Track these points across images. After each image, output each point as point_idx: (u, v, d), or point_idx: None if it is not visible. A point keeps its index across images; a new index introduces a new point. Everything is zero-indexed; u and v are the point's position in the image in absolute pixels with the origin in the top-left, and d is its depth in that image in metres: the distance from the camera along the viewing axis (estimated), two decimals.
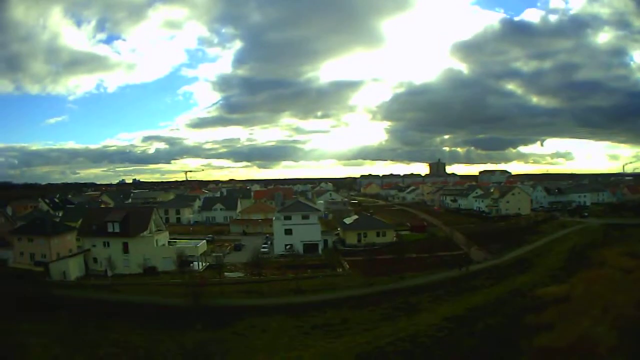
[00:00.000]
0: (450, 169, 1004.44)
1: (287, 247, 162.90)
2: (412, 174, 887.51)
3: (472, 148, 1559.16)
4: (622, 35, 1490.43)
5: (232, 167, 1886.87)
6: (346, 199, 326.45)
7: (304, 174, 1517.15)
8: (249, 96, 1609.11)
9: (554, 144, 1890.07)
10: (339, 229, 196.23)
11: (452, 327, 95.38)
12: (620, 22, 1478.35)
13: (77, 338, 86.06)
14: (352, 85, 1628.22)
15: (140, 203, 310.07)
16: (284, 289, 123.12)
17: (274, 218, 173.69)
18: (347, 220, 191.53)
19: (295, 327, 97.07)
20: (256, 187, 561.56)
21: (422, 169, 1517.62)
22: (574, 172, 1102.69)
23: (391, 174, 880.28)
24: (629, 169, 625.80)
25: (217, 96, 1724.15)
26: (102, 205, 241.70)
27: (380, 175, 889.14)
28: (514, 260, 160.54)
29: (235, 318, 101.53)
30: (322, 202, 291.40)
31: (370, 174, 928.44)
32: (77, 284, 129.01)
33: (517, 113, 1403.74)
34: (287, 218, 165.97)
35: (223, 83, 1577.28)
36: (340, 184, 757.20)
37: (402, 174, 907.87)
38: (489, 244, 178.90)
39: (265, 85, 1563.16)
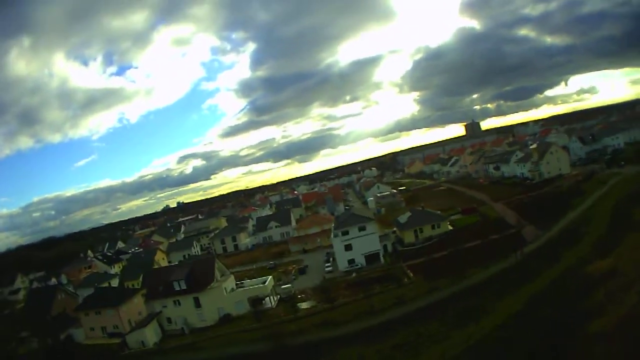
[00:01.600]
0: (484, 125, 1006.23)
1: (350, 262, 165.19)
2: (449, 139, 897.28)
3: (502, 101, 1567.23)
4: None
5: (273, 168, 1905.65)
6: (395, 190, 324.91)
7: (344, 160, 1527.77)
8: (274, 95, 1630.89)
9: (577, 81, 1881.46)
10: (395, 228, 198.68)
11: (514, 324, 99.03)
12: None
13: None
14: (372, 62, 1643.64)
15: (194, 235, 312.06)
16: (357, 312, 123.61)
17: (332, 235, 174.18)
18: (402, 219, 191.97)
19: (376, 352, 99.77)
20: (302, 188, 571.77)
21: (458, 129, 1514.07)
22: (601, 104, 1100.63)
23: (431, 144, 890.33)
24: None
25: (243, 102, 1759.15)
26: (159, 256, 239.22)
27: (420, 145, 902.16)
28: (562, 232, 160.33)
29: (318, 354, 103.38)
30: (371, 198, 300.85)
31: (410, 148, 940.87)
32: (158, 349, 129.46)
33: (536, 57, 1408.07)
34: (345, 233, 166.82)
35: (245, 88, 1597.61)
36: (381, 164, 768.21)
37: (439, 139, 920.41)
38: (537, 216, 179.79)
39: (288, 81, 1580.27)
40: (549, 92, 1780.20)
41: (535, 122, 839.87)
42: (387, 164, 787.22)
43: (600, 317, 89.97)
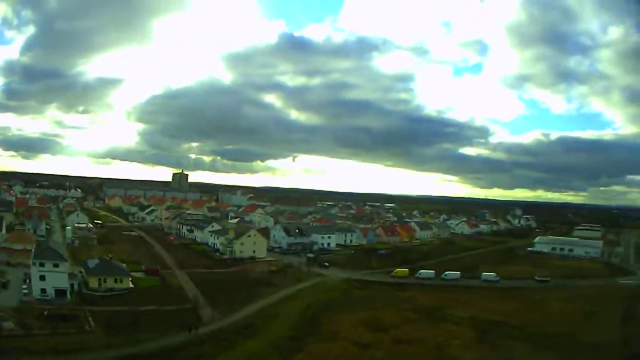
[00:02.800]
0: (194, 176, 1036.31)
1: (42, 291, 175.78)
2: (155, 181, 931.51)
3: (219, 158, 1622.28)
4: (414, 62, 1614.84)
5: (2, 156, 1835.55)
6: (91, 225, 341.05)
7: (61, 170, 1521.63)
8: (27, 84, 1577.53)
9: (307, 160, 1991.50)
10: (82, 270, 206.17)
11: None
12: (416, 49, 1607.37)
13: None
14: (114, 83, 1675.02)
15: None
16: (48, 347, 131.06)
17: (31, 262, 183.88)
18: (90, 263, 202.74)
19: None
20: (18, 189, 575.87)
21: (166, 173, 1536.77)
22: (327, 189, 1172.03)
23: (136, 181, 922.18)
24: None
25: (1, 81, 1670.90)
26: None
27: (127, 179, 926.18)
28: (241, 322, 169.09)
29: None
30: (70, 228, 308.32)
31: (117, 178, 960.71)
32: None
33: (273, 127, 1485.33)
34: (42, 264, 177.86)
35: (8, 68, 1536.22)
36: (89, 186, 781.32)
37: (146, 178, 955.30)
38: (219, 296, 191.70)
39: (42, 75, 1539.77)
40: (271, 162, 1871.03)
41: (245, 190, 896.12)
42: (93, 188, 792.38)
43: None
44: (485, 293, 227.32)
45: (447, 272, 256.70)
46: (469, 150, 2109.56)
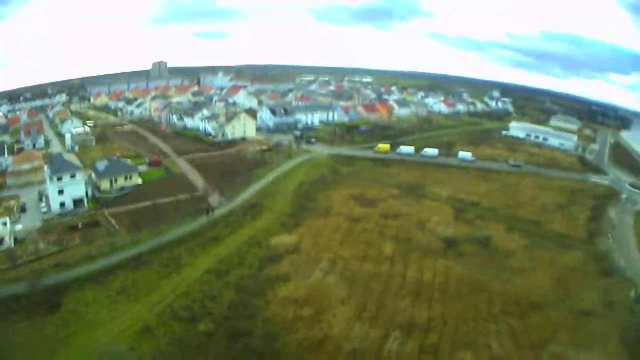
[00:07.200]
0: (173, 62, 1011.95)
1: (62, 205, 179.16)
2: (136, 71, 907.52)
3: (194, 38, 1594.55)
4: None
5: None
6: (88, 129, 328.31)
7: (41, 79, 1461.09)
8: None
9: (282, 35, 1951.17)
10: (92, 174, 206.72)
11: (211, 279, 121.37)
12: None
13: None
14: None
15: None
16: (82, 257, 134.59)
17: (47, 179, 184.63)
18: (99, 166, 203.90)
19: (106, 297, 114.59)
20: (5, 109, 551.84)
21: (146, 61, 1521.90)
22: (303, 65, 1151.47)
23: (118, 74, 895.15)
24: None
25: None
26: None
27: (107, 74, 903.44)
28: (246, 204, 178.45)
29: (60, 296, 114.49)
30: (69, 135, 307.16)
31: (97, 75, 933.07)
32: None
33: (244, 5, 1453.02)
34: (60, 179, 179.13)
35: None
36: (71, 88, 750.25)
37: (125, 70, 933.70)
38: (222, 180, 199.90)
39: None
40: (247, 39, 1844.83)
41: (225, 70, 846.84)
42: (76, 88, 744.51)
43: (287, 284, 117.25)
44: (461, 173, 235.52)
45: (425, 149, 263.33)
46: (439, 27, 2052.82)
